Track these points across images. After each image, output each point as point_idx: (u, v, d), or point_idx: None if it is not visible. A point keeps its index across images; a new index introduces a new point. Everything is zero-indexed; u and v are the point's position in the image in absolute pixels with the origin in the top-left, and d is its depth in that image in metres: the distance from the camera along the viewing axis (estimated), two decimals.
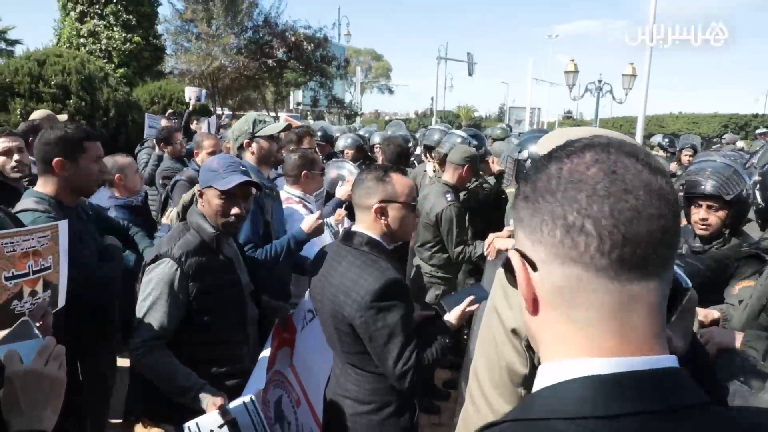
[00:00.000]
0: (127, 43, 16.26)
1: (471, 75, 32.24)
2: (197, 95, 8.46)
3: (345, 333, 1.88)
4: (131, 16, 16.41)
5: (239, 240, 2.53)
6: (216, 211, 2.12)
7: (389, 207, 1.94)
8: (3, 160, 3.00)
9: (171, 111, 8.64)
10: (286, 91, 25.92)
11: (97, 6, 16.26)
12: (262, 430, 1.90)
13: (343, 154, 5.52)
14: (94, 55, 13.11)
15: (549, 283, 0.62)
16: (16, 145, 3.08)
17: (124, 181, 3.33)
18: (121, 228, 2.91)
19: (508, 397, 1.25)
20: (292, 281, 3.17)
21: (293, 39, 22.94)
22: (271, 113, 25.37)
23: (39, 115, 4.78)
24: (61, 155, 2.34)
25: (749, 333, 1.66)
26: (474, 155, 3.77)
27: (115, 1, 16.29)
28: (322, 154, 5.38)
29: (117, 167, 3.32)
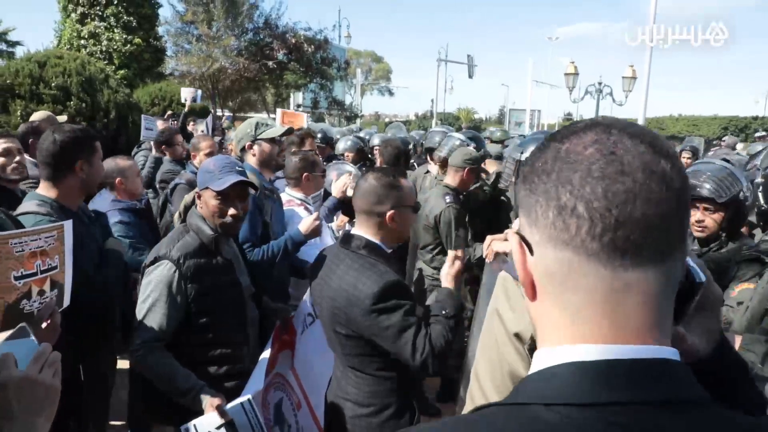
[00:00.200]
0: (128, 45, 16.29)
1: (471, 77, 32.30)
2: (193, 96, 8.46)
3: (345, 336, 1.88)
4: (132, 18, 16.44)
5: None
6: (213, 212, 2.13)
7: (400, 212, 1.95)
8: (3, 161, 3.00)
9: (170, 113, 8.62)
10: (287, 92, 25.94)
11: (97, 8, 16.30)
12: (260, 431, 1.90)
13: (343, 157, 5.53)
14: (95, 57, 13.13)
15: (542, 267, 0.60)
16: (15, 146, 3.09)
17: (125, 185, 3.26)
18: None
19: None
20: (292, 284, 3.17)
21: (293, 41, 22.98)
22: (272, 115, 25.40)
23: (39, 116, 4.77)
24: (81, 157, 2.36)
25: (747, 336, 1.66)
26: (475, 157, 3.77)
27: (115, 2, 16.33)
28: (322, 156, 5.38)
29: (118, 170, 3.26)
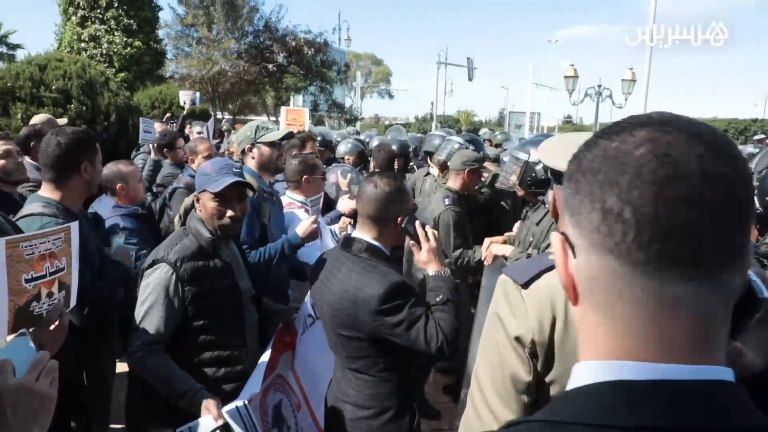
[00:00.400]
0: (128, 48, 16.34)
1: (471, 80, 32.34)
2: (192, 99, 8.44)
3: (349, 338, 1.88)
4: (132, 21, 16.49)
5: None
6: (211, 214, 2.13)
7: (404, 217, 1.97)
8: (3, 163, 3.01)
9: (168, 115, 8.59)
10: (287, 95, 25.98)
11: (98, 11, 16.34)
12: None
13: (343, 160, 5.53)
14: (95, 60, 13.14)
15: (585, 272, 0.55)
16: (14, 148, 3.09)
17: (126, 190, 3.18)
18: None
19: (511, 405, 1.25)
20: (292, 285, 3.17)
21: (293, 44, 23.05)
22: (272, 118, 25.43)
23: (39, 119, 4.77)
24: (85, 158, 2.37)
25: None
26: (475, 159, 3.78)
27: (116, 5, 16.37)
28: (321, 159, 5.38)
29: (119, 175, 3.18)
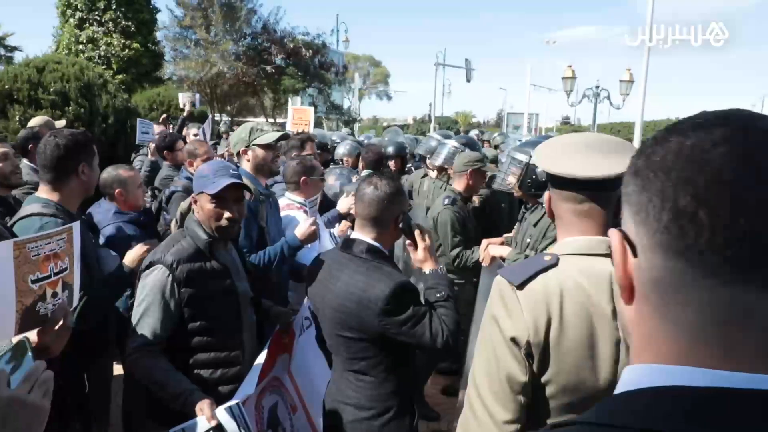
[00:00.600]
0: (126, 50, 16.34)
1: (469, 81, 32.33)
2: (192, 101, 8.39)
3: (352, 339, 1.88)
4: (130, 23, 16.50)
5: None
6: (209, 216, 2.12)
7: (401, 217, 2.00)
8: (0, 166, 3.00)
9: (165, 116, 8.53)
10: (285, 97, 25.99)
11: (96, 13, 16.35)
12: None
13: (342, 162, 5.53)
14: (93, 62, 13.14)
15: (648, 273, 0.53)
16: (10, 151, 3.09)
17: (125, 196, 3.06)
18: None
19: (508, 405, 1.25)
20: (291, 287, 3.16)
21: (291, 45, 23.07)
22: (270, 119, 25.42)
23: (37, 121, 4.77)
24: (83, 159, 2.38)
25: None
26: (476, 159, 3.78)
27: (114, 7, 16.38)
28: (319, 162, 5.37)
29: (119, 180, 3.06)
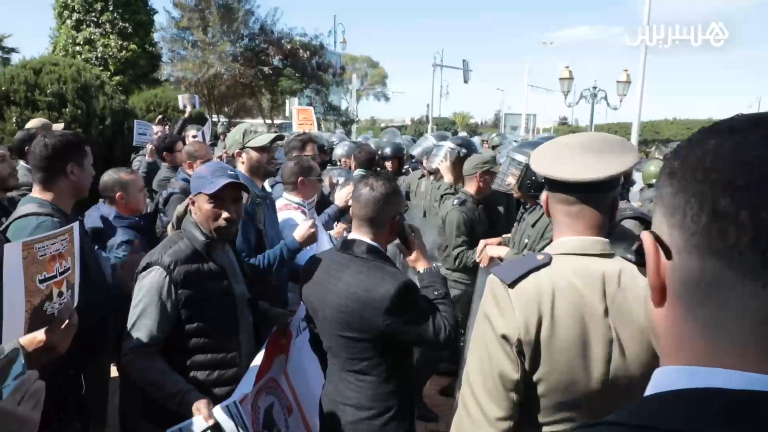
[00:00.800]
0: (123, 51, 16.31)
1: (467, 82, 32.35)
2: (192, 102, 8.38)
3: (354, 339, 1.88)
4: (127, 24, 16.47)
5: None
6: (207, 217, 2.12)
7: (398, 217, 2.00)
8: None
9: (160, 117, 8.50)
10: (282, 98, 25.97)
11: (93, 14, 16.32)
12: None
13: (340, 163, 5.54)
14: (90, 63, 13.11)
15: (683, 275, 0.53)
16: (5, 153, 3.09)
17: (126, 200, 3.02)
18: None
19: (501, 403, 1.26)
20: (291, 288, 3.16)
21: (289, 46, 23.06)
22: (267, 121, 25.42)
23: (35, 123, 4.76)
24: (71, 159, 2.38)
25: None
26: (484, 161, 3.79)
27: (111, 9, 16.35)
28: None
29: (120, 183, 3.01)
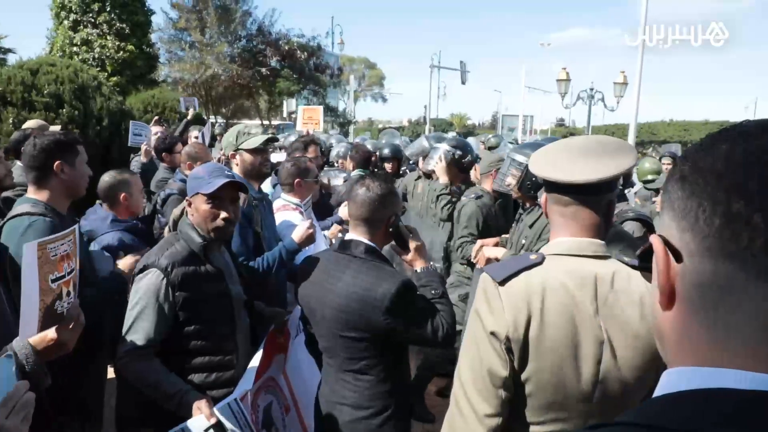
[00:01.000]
0: (121, 52, 16.25)
1: (464, 83, 32.41)
2: (193, 104, 8.40)
3: (353, 339, 1.89)
4: (125, 25, 16.40)
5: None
6: (205, 217, 2.11)
7: (395, 217, 2.01)
8: None
9: (156, 117, 8.47)
10: (280, 99, 25.95)
11: (90, 15, 16.25)
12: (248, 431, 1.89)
13: (337, 163, 5.55)
14: (88, 64, 13.07)
15: (694, 278, 0.53)
16: (3, 155, 3.09)
17: (129, 201, 2.96)
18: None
19: (490, 400, 1.27)
20: (289, 289, 3.16)
21: (287, 47, 23.02)
22: (265, 122, 25.41)
23: (32, 124, 4.75)
24: (61, 158, 2.38)
25: None
26: (498, 159, 3.79)
27: (108, 9, 16.29)
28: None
29: (125, 184, 2.96)
